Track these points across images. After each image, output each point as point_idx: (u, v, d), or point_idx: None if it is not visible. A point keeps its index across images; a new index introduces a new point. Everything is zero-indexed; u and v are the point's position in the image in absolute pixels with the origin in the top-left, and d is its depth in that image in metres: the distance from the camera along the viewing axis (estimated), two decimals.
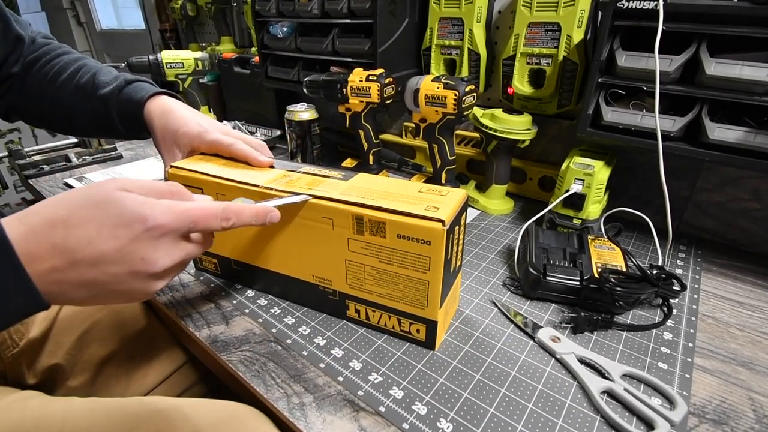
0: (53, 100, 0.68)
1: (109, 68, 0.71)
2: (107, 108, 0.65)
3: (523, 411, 0.45)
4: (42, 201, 0.36)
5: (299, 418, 0.44)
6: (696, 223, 0.81)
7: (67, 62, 0.70)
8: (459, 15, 0.89)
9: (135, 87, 0.66)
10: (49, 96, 0.68)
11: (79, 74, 0.68)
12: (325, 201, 0.49)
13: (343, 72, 0.95)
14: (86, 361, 0.62)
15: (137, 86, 0.66)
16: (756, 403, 0.47)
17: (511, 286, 0.65)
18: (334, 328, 0.57)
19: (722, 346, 0.55)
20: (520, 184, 0.97)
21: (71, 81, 0.67)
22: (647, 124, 0.65)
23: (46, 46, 0.72)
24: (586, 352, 0.52)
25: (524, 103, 0.89)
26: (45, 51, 0.71)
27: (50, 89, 0.68)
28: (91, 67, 0.70)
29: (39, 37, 0.73)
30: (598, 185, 0.71)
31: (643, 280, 0.57)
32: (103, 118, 0.66)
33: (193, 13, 1.65)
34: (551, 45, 0.80)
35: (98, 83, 0.67)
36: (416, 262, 0.47)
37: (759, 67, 0.56)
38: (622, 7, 0.62)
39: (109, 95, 0.65)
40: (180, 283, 0.66)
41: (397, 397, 0.47)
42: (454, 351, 0.53)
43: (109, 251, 0.35)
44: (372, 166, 1.01)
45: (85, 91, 0.66)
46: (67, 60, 0.70)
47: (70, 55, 0.72)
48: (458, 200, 0.48)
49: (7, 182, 2.25)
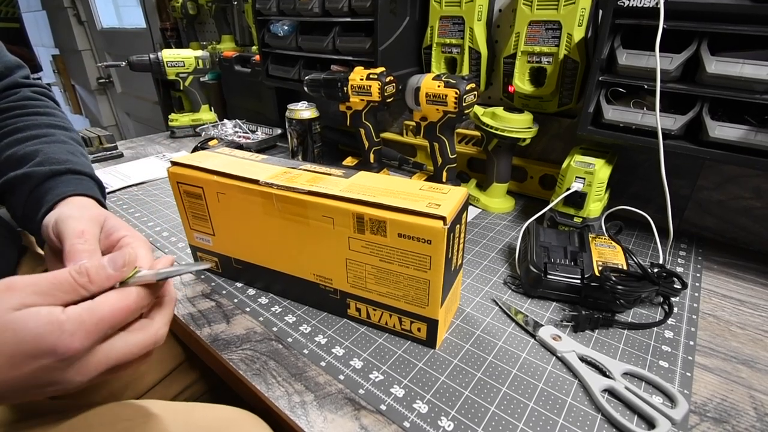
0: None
1: (74, 147, 0.57)
2: (23, 185, 0.51)
3: (524, 409, 0.45)
4: None
5: (300, 416, 0.44)
6: (697, 222, 0.81)
7: (31, 125, 0.56)
8: (460, 13, 0.89)
9: (65, 180, 0.51)
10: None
11: (31, 141, 0.54)
12: (325, 199, 0.49)
13: (343, 70, 0.95)
14: None
15: (69, 179, 0.51)
16: (757, 401, 0.47)
17: (512, 284, 0.65)
18: (335, 326, 0.57)
19: (723, 344, 0.55)
20: (520, 182, 0.97)
21: (18, 143, 0.54)
22: (648, 122, 0.65)
23: (26, 101, 0.58)
24: (587, 350, 0.52)
25: (525, 101, 0.89)
26: (20, 105, 0.57)
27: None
28: (53, 140, 0.55)
29: (28, 90, 0.60)
30: (599, 183, 0.71)
31: (644, 279, 0.57)
32: (11, 193, 0.51)
33: (194, 11, 1.65)
34: (552, 43, 0.80)
35: (40, 159, 0.52)
36: (417, 261, 0.47)
37: (760, 65, 0.56)
38: (623, 5, 0.62)
39: (36, 175, 0.50)
40: (181, 281, 0.66)
41: (398, 395, 0.47)
42: (455, 349, 0.53)
43: (7, 380, 0.30)
44: (373, 165, 1.01)
45: (21, 161, 0.52)
46: (34, 122, 0.56)
47: (44, 117, 0.57)
48: (459, 198, 0.48)
49: None
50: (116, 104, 3.06)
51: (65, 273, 0.32)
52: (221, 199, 0.57)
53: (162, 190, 0.99)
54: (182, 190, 0.60)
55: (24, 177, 0.50)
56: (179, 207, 0.62)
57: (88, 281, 0.33)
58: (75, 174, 0.52)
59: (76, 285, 0.32)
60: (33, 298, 0.31)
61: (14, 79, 0.58)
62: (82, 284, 0.32)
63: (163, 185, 1.01)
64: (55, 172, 0.50)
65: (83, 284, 0.32)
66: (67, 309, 0.31)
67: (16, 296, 0.30)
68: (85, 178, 0.53)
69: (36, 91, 0.60)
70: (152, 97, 2.33)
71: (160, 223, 0.83)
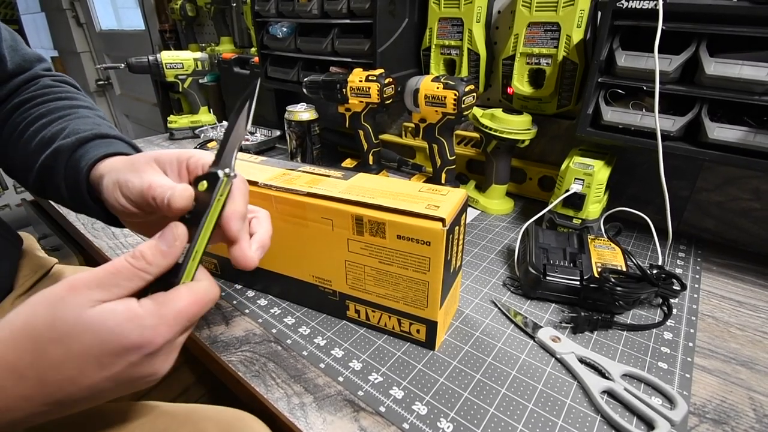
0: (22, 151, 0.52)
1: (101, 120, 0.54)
2: (56, 163, 0.48)
3: (523, 411, 0.45)
4: (1, 328, 0.30)
5: (299, 418, 0.44)
6: (696, 223, 0.81)
7: (56, 108, 0.54)
8: (458, 15, 0.89)
9: (97, 144, 0.48)
10: (19, 144, 0.52)
11: (57, 122, 0.52)
12: (324, 201, 0.49)
13: (342, 72, 0.95)
14: None
15: (99, 144, 0.49)
16: (756, 402, 0.47)
17: (511, 286, 0.65)
18: (334, 328, 0.57)
19: (722, 345, 0.55)
20: (519, 184, 0.97)
21: (45, 127, 0.51)
22: (647, 123, 0.65)
23: (48, 88, 0.57)
24: (586, 351, 0.52)
25: (524, 103, 0.89)
26: (42, 93, 0.56)
27: (23, 135, 0.52)
28: (79, 115, 0.53)
29: (48, 79, 0.59)
30: (598, 185, 0.71)
31: (643, 280, 0.57)
32: (51, 176, 0.49)
33: (193, 13, 1.65)
34: (551, 45, 0.80)
35: (68, 132, 0.49)
36: (416, 263, 0.47)
37: (758, 67, 0.56)
38: (622, 6, 0.62)
39: (65, 149, 0.48)
40: None
41: (397, 397, 0.47)
42: (454, 351, 0.53)
43: (99, 382, 0.30)
44: (372, 166, 1.01)
45: (51, 140, 0.49)
46: (59, 105, 0.54)
47: (67, 101, 0.56)
48: (458, 200, 0.48)
49: (6, 183, 2.25)
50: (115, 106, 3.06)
51: (122, 261, 0.31)
52: None
53: None
54: None
55: (54, 153, 0.48)
56: None
57: (146, 264, 0.32)
58: (102, 138, 0.49)
59: (136, 271, 0.31)
60: (99, 293, 0.30)
61: (36, 72, 0.58)
62: (141, 268, 0.32)
63: None
64: (82, 139, 0.48)
65: (143, 268, 0.32)
66: (142, 302, 0.31)
67: (83, 295, 0.30)
68: (114, 141, 0.50)
69: (56, 78, 0.59)
70: (151, 99, 2.33)
71: None
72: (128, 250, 0.73)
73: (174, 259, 0.33)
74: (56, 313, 0.29)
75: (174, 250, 0.33)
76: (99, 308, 0.29)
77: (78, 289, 0.30)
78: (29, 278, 0.62)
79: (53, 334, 0.29)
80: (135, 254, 0.32)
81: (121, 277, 0.31)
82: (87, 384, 0.30)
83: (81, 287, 0.30)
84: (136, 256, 0.32)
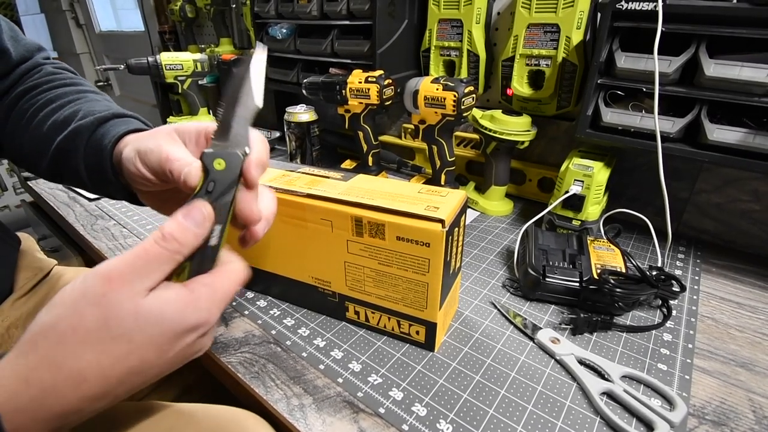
0: (32, 136, 0.52)
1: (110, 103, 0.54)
2: (76, 143, 0.48)
3: (522, 412, 0.45)
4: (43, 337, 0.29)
5: (299, 419, 0.44)
6: (695, 225, 0.81)
7: (63, 93, 0.54)
8: (458, 16, 0.89)
9: (117, 123, 0.48)
10: (29, 130, 0.52)
11: (68, 106, 0.52)
12: (324, 202, 0.49)
13: (342, 73, 0.95)
14: None
15: (119, 122, 0.49)
16: (755, 404, 0.47)
17: (510, 287, 0.65)
18: (334, 329, 0.56)
19: (722, 347, 0.55)
20: (519, 185, 0.97)
21: (56, 112, 0.51)
22: (646, 125, 0.65)
23: (51, 75, 0.57)
24: (586, 353, 0.52)
25: (523, 104, 0.89)
26: (46, 80, 0.56)
27: (33, 121, 0.52)
28: (89, 99, 0.54)
29: (50, 66, 0.59)
30: (598, 186, 0.71)
31: (643, 282, 0.57)
32: (69, 157, 0.49)
33: (192, 14, 1.65)
34: (550, 46, 0.80)
35: (83, 114, 0.49)
36: (415, 264, 0.47)
37: (758, 68, 0.56)
38: (621, 8, 0.62)
39: (84, 128, 0.48)
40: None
41: (396, 398, 0.46)
42: (453, 352, 0.53)
43: (157, 365, 0.32)
44: (371, 168, 1.01)
45: (64, 123, 0.50)
46: (65, 91, 0.55)
47: (73, 87, 0.56)
48: (458, 201, 0.48)
49: (6, 184, 2.25)
50: None
51: (154, 246, 0.31)
52: None
53: None
54: None
55: (73, 134, 0.48)
56: None
57: (179, 245, 0.32)
58: (120, 117, 0.50)
59: (170, 254, 0.31)
60: (141, 282, 0.30)
61: (37, 60, 0.59)
62: (175, 251, 0.32)
63: None
64: (101, 119, 0.48)
65: (177, 250, 0.32)
66: (192, 287, 0.32)
67: (126, 288, 0.30)
68: (131, 119, 0.50)
69: (57, 66, 0.60)
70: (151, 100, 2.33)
71: (159, 226, 0.82)
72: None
73: (203, 239, 0.33)
74: (108, 312, 0.29)
75: (204, 230, 0.33)
76: (152, 299, 0.30)
77: (117, 282, 0.29)
78: (29, 280, 0.62)
79: (112, 333, 0.29)
80: (165, 236, 0.31)
81: (156, 263, 0.31)
82: (147, 371, 0.31)
83: (119, 280, 0.29)
84: (167, 239, 0.31)
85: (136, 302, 0.29)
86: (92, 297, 0.29)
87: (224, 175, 0.34)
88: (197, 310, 0.31)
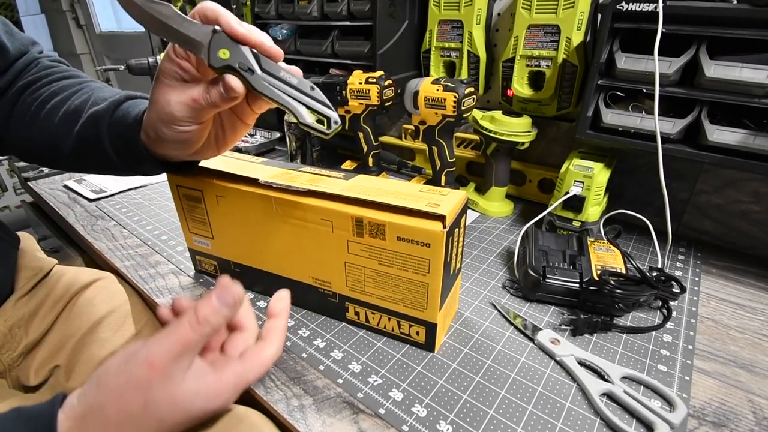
0: (41, 129, 0.52)
1: (115, 89, 0.55)
2: (97, 129, 0.49)
3: (522, 413, 0.45)
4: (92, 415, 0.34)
5: (299, 420, 0.44)
6: (695, 226, 0.81)
7: (66, 85, 0.55)
8: (458, 17, 0.90)
9: (135, 102, 0.50)
10: (38, 123, 0.53)
11: (75, 96, 0.53)
12: (324, 201, 0.49)
13: (342, 74, 0.96)
14: (86, 362, 0.61)
15: (138, 101, 0.50)
16: (755, 405, 0.47)
17: (510, 288, 0.65)
18: (334, 330, 0.56)
19: (722, 348, 0.55)
20: (519, 186, 0.97)
21: (64, 103, 0.52)
22: (647, 126, 0.65)
23: (49, 69, 0.58)
24: (586, 354, 0.51)
25: (524, 105, 0.89)
26: (45, 74, 0.56)
27: (40, 114, 0.53)
28: (93, 88, 0.55)
29: (46, 60, 0.60)
30: (598, 187, 0.71)
31: (643, 283, 0.57)
32: (93, 143, 0.50)
33: None
34: (551, 47, 0.80)
35: (94, 100, 0.51)
36: (416, 265, 0.47)
37: (758, 69, 0.56)
38: (622, 9, 0.62)
39: (102, 113, 0.49)
40: (180, 285, 0.66)
41: (396, 399, 0.46)
42: (453, 353, 0.53)
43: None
44: (372, 168, 1.01)
45: (77, 112, 0.51)
46: (67, 83, 0.55)
47: (73, 79, 0.57)
48: (458, 201, 0.48)
49: (6, 185, 2.25)
50: None
51: (189, 333, 0.34)
52: (220, 202, 0.57)
53: (160, 193, 0.98)
54: (181, 193, 0.60)
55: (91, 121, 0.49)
56: (178, 210, 0.62)
57: (211, 329, 0.35)
58: (132, 99, 0.51)
59: (204, 337, 0.35)
60: (178, 366, 0.34)
61: (33, 54, 0.59)
62: (207, 333, 0.35)
63: (162, 189, 1.01)
64: (115, 102, 0.50)
65: (209, 333, 0.35)
66: (221, 374, 0.37)
67: (167, 375, 0.34)
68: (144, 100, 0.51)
69: (52, 59, 0.61)
70: None
71: (159, 227, 0.83)
72: (128, 252, 0.74)
73: (232, 316, 0.37)
74: (148, 397, 0.33)
75: (233, 312, 0.37)
76: (185, 388, 0.35)
77: (159, 371, 0.33)
78: (30, 280, 0.62)
79: (149, 415, 0.34)
80: (200, 321, 0.35)
81: (191, 346, 0.35)
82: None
83: (161, 368, 0.33)
84: (201, 324, 0.35)
85: (172, 391, 0.34)
86: (136, 382, 0.33)
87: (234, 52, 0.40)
88: (221, 399, 0.37)
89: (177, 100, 0.42)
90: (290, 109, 0.42)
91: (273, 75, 0.41)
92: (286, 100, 0.42)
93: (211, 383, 0.36)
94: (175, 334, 0.34)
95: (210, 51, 0.39)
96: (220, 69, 0.40)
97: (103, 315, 0.64)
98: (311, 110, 0.43)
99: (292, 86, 0.42)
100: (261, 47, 0.41)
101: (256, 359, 0.39)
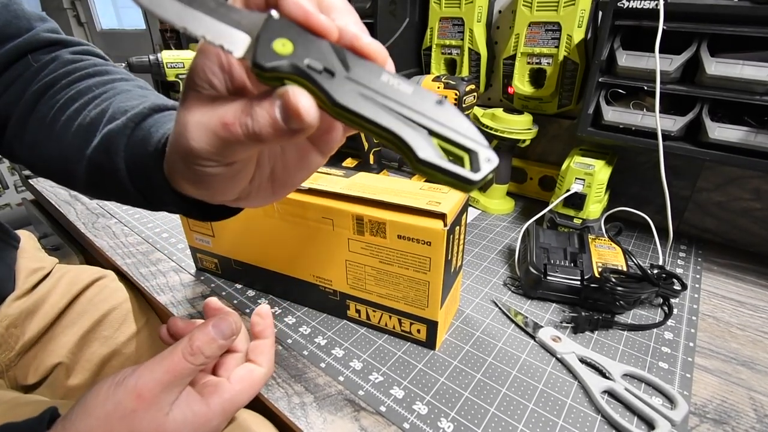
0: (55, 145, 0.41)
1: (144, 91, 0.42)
2: (111, 155, 0.36)
3: (523, 411, 0.45)
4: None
5: (300, 417, 0.44)
6: (697, 223, 0.81)
7: (87, 87, 0.42)
8: (459, 15, 0.89)
9: (161, 117, 0.36)
10: (53, 137, 0.41)
11: (93, 103, 0.40)
12: (325, 200, 0.49)
13: None
14: (87, 360, 0.62)
15: (166, 115, 0.37)
16: (757, 402, 0.47)
17: (511, 285, 0.65)
18: (335, 327, 0.57)
19: (723, 345, 0.55)
20: (520, 183, 0.97)
21: (79, 113, 0.39)
22: (648, 123, 0.65)
23: (71, 65, 0.44)
24: (587, 351, 0.52)
25: (525, 102, 0.89)
26: (65, 72, 0.43)
27: (55, 126, 0.41)
28: (117, 91, 0.41)
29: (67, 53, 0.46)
30: (599, 185, 0.71)
31: (644, 280, 0.57)
32: (107, 172, 0.37)
33: None
34: (552, 45, 0.80)
35: (112, 113, 0.37)
36: (417, 263, 0.47)
37: (759, 67, 0.56)
38: (623, 6, 0.62)
39: (118, 133, 0.36)
40: (181, 283, 0.66)
41: (397, 396, 0.47)
42: (454, 351, 0.53)
43: None
44: (372, 166, 1.01)
45: (90, 129, 0.38)
46: (89, 84, 0.42)
47: (99, 77, 0.43)
48: (459, 198, 0.48)
49: (7, 182, 2.25)
50: None
51: (182, 362, 0.33)
52: None
53: None
54: None
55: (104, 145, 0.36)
56: None
57: (204, 360, 0.34)
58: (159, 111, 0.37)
59: (195, 368, 0.34)
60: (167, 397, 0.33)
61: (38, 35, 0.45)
62: (201, 363, 0.34)
63: None
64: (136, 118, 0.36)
65: (202, 363, 0.34)
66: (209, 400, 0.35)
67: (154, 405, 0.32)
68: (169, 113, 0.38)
69: (76, 51, 0.47)
70: None
71: (160, 224, 0.83)
72: (128, 250, 0.74)
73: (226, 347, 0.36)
74: (133, 427, 0.32)
75: (230, 342, 0.36)
76: (172, 419, 0.33)
77: (146, 400, 0.32)
78: (30, 279, 0.62)
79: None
80: (194, 351, 0.34)
81: (183, 378, 0.34)
82: None
83: (149, 398, 0.32)
84: (195, 354, 0.34)
85: (160, 421, 0.32)
86: (122, 411, 0.32)
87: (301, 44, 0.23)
88: (209, 427, 0.35)
89: (197, 123, 0.26)
90: (400, 138, 0.22)
91: (368, 85, 0.23)
92: (391, 123, 0.22)
93: (199, 411, 0.34)
94: (167, 363, 0.33)
95: (258, 44, 0.22)
96: (273, 73, 0.22)
97: (104, 313, 0.64)
98: (439, 139, 0.22)
99: (401, 103, 0.23)
100: (353, 42, 0.23)
101: (246, 382, 0.37)
